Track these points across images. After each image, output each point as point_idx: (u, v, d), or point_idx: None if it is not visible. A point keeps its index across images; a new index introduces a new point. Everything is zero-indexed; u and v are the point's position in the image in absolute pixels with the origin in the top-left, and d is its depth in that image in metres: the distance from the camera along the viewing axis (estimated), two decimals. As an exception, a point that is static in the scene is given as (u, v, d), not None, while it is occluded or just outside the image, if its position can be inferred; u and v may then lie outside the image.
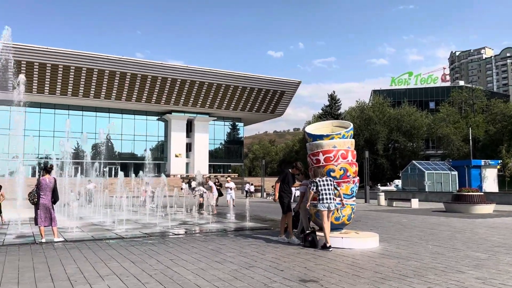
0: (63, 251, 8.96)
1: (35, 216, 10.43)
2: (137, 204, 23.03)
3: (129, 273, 6.83)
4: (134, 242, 10.26)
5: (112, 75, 55.53)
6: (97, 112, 60.82)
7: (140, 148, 65.46)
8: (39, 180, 10.38)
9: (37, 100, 52.71)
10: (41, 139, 54.99)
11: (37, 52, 49.99)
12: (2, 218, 14.04)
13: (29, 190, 11.24)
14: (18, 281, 6.25)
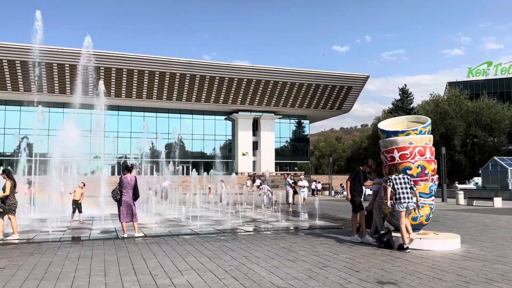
0: (143, 246, 9.47)
1: (118, 212, 11.13)
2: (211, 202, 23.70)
3: (206, 268, 7.05)
4: (209, 238, 10.58)
5: (182, 77, 57.76)
6: (170, 113, 63.62)
7: (209, 147, 67.39)
8: (121, 178, 11.05)
9: (115, 103, 56.31)
10: (119, 140, 58.66)
11: (114, 58, 53.37)
12: (80, 217, 14.95)
13: (111, 188, 12.05)
14: (105, 273, 6.70)
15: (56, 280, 6.24)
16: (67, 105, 49.13)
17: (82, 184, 15.60)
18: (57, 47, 49.43)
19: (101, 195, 17.09)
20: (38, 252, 8.60)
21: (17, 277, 6.40)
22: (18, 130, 54.35)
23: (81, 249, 9.00)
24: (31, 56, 47.95)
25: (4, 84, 51.47)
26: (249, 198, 24.68)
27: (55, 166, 17.84)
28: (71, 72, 52.17)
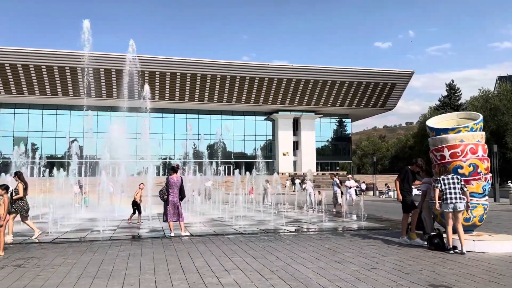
0: (190, 245, 9.64)
1: (164, 212, 11.40)
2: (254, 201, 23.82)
3: (252, 268, 7.07)
4: (253, 238, 10.61)
5: (223, 79, 58.48)
6: (211, 114, 64.59)
7: (250, 148, 67.76)
8: (167, 178, 11.34)
9: (159, 106, 57.88)
10: (163, 141, 60.20)
11: (158, 62, 54.85)
12: (139, 218, 15.36)
13: (158, 188, 12.36)
14: (154, 272, 6.87)
15: (108, 278, 6.46)
16: (114, 108, 51.07)
17: (142, 185, 16.05)
18: (104, 53, 51.44)
19: (148, 195, 17.59)
20: (90, 251, 8.95)
21: (72, 275, 6.68)
22: (69, 133, 57.06)
23: (130, 247, 9.29)
24: (80, 62, 50.24)
25: (55, 90, 54.18)
26: (291, 198, 24.60)
27: (104, 168, 18.57)
28: (117, 77, 54.12)
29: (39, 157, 33.90)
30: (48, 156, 51.99)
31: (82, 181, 23.91)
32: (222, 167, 30.48)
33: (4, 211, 8.70)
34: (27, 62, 51.41)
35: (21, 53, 51.00)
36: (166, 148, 59.26)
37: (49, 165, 43.30)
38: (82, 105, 48.56)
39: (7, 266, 7.34)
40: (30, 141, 55.74)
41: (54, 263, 7.63)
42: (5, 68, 51.22)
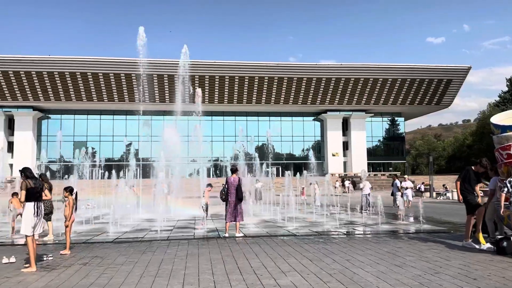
0: (244, 245, 9.70)
1: (225, 212, 11.63)
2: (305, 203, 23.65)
3: (308, 270, 6.98)
4: (307, 240, 10.50)
5: (270, 80, 58.63)
6: (259, 116, 64.97)
7: (298, 149, 67.39)
8: (226, 179, 11.58)
9: (208, 109, 59.04)
10: (213, 143, 61.34)
11: (207, 66, 55.99)
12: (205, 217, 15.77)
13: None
14: (212, 272, 6.96)
15: (168, 277, 6.63)
16: (167, 112, 52.65)
17: (210, 187, 16.52)
18: (156, 59, 53.24)
19: (201, 196, 17.94)
20: (150, 250, 9.25)
21: (134, 274, 6.92)
22: (125, 137, 59.58)
23: (187, 247, 9.50)
24: (134, 69, 52.36)
25: (112, 96, 56.78)
26: (343, 200, 24.16)
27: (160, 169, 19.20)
28: (169, 82, 55.85)
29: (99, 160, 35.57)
30: (106, 159, 54.54)
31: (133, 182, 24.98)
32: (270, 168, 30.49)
33: (69, 212, 9.19)
34: (85, 70, 54.30)
35: (79, 62, 53.95)
36: (216, 150, 60.30)
37: (107, 168, 45.44)
38: (137, 110, 50.59)
39: (73, 264, 7.74)
40: (89, 145, 58.75)
41: (116, 262, 7.95)
42: (65, 76, 54.39)
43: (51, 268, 7.42)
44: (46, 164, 55.16)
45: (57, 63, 53.68)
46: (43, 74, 53.78)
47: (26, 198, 7.52)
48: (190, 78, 51.97)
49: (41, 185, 7.94)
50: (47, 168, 54.26)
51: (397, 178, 20.49)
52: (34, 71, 53.39)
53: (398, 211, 18.01)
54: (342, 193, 39.00)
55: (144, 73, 41.29)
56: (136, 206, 20.60)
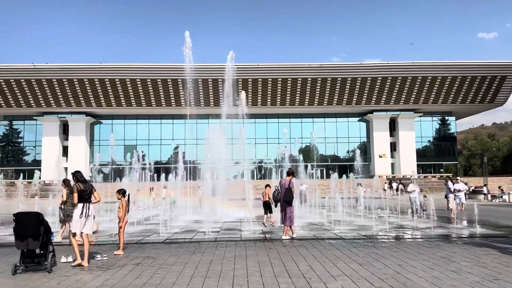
0: (292, 248, 9.65)
1: (281, 214, 11.63)
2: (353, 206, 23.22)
3: (359, 275, 6.83)
4: (355, 244, 10.28)
5: (314, 81, 58.11)
6: (302, 118, 64.54)
7: (343, 150, 66.24)
8: (280, 182, 11.66)
9: (251, 112, 59.41)
10: (257, 146, 61.65)
11: (249, 69, 56.41)
12: (272, 218, 15.77)
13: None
14: (261, 274, 6.98)
15: (218, 278, 6.72)
16: (211, 116, 53.51)
17: (269, 187, 16.74)
18: (201, 64, 54.30)
19: (246, 197, 18.07)
20: (199, 251, 9.41)
21: (185, 274, 7.07)
22: (172, 140, 61.19)
23: (235, 249, 9.58)
24: (181, 75, 53.70)
25: (160, 101, 58.50)
26: (392, 203, 23.46)
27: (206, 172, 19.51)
28: (213, 86, 56.79)
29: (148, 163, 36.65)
30: (154, 162, 56.25)
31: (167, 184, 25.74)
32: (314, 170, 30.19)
33: (122, 213, 9.53)
34: (134, 77, 56.32)
35: (128, 68, 56.05)
36: (259, 152, 60.53)
37: (156, 171, 46.80)
38: (184, 114, 51.83)
39: (127, 264, 8.02)
40: (138, 148, 60.84)
41: (168, 262, 8.15)
42: (115, 82, 56.67)
43: (106, 267, 7.73)
44: (99, 167, 57.70)
45: (108, 70, 56.06)
46: (94, 81, 56.33)
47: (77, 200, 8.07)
48: (234, 82, 52.60)
49: (90, 188, 8.33)
50: (100, 171, 56.75)
51: (450, 180, 19.46)
52: (87, 79, 56.04)
53: (451, 214, 17.24)
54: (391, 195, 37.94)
55: (189, 78, 42.26)
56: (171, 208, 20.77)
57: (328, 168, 62.75)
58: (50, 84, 56.17)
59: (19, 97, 57.10)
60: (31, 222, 7.27)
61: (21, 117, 62.33)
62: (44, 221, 7.47)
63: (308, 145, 63.18)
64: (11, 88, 56.09)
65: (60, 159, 59.55)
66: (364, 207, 20.79)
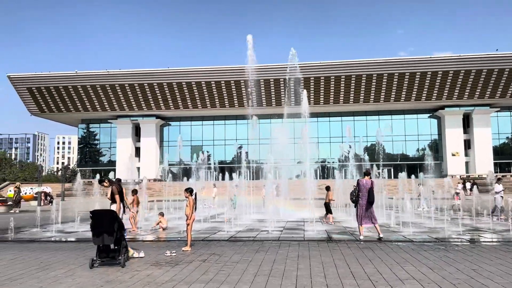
0: (356, 250, 9.43)
1: (356, 214, 11.49)
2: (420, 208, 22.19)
3: (429, 279, 6.51)
4: (425, 247, 9.82)
5: (379, 78, 56.26)
6: (367, 115, 62.76)
7: (412, 149, 63.44)
8: (358, 181, 11.43)
9: (314, 111, 58.82)
10: (319, 145, 60.92)
11: (312, 68, 55.89)
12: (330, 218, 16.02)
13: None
14: (325, 275, 6.89)
15: (281, 277, 6.74)
16: (273, 115, 53.82)
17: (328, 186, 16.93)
18: (262, 65, 54.77)
19: (308, 198, 17.94)
20: (262, 250, 9.51)
21: (249, 272, 7.18)
22: (235, 140, 62.38)
23: (298, 249, 9.56)
24: (243, 76, 54.58)
25: (223, 102, 59.91)
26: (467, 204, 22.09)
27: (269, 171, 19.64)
28: (275, 86, 57.06)
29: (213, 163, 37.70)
30: (219, 162, 57.69)
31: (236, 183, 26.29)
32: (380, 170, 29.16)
33: (190, 211, 9.87)
34: (200, 80, 58.15)
35: (198, 72, 57.98)
36: (322, 152, 59.76)
37: (220, 170, 47.99)
38: (246, 114, 52.63)
39: (194, 261, 8.31)
40: (204, 149, 62.73)
41: (232, 259, 8.33)
42: (182, 86, 58.87)
43: (174, 263, 8.07)
44: (168, 167, 60.32)
45: (175, 74, 58.42)
46: (163, 85, 58.96)
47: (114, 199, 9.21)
48: (296, 80, 52.47)
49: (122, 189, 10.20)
50: (170, 170, 59.35)
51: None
52: (156, 83, 58.82)
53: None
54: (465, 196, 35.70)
55: (252, 79, 42.82)
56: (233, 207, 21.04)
57: (396, 167, 60.42)
58: (123, 88, 59.71)
59: (95, 102, 61.33)
60: (106, 220, 7.78)
61: (97, 121, 66.92)
62: (117, 218, 7.97)
63: (374, 143, 61.29)
64: (87, 93, 60.39)
65: (133, 160, 63.10)
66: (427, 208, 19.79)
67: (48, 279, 6.77)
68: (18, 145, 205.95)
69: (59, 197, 43.63)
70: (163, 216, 14.81)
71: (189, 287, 6.17)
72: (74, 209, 18.58)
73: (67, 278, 6.84)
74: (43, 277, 6.94)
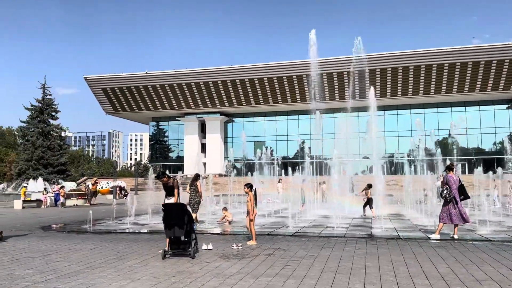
0: (429, 249, 9.00)
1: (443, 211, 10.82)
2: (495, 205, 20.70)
3: (509, 280, 6.06)
4: (506, 247, 9.14)
5: (451, 67, 52.99)
6: (439, 107, 59.53)
7: (489, 142, 59.19)
8: (446, 177, 10.77)
9: (380, 104, 56.76)
10: (386, 139, 58.77)
11: (378, 59, 53.96)
12: (373, 212, 16.00)
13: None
14: (394, 274, 6.65)
15: (349, 274, 6.62)
16: (337, 110, 52.83)
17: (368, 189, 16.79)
18: (326, 58, 53.88)
19: (376, 194, 17.42)
20: (328, 246, 9.40)
21: (315, 268, 7.13)
22: (298, 135, 62.12)
23: (366, 246, 9.32)
24: (306, 70, 54.13)
25: (285, 98, 59.86)
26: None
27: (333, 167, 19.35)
28: (339, 79, 55.94)
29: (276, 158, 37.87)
30: (282, 157, 57.83)
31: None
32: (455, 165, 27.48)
33: (251, 206, 9.86)
34: (261, 76, 58.57)
35: (255, 68, 58.50)
36: (390, 146, 57.63)
37: (283, 166, 48.09)
38: (309, 109, 52.16)
39: (259, 254, 8.41)
40: (267, 144, 63.20)
41: (298, 255, 8.32)
42: (245, 82, 59.67)
43: (241, 256, 8.23)
44: (232, 163, 61.61)
45: (238, 71, 59.37)
46: (227, 82, 60.18)
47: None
48: (361, 73, 51.08)
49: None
50: (233, 166, 60.58)
51: None
52: (220, 80, 60.19)
53: None
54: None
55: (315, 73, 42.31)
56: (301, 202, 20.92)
57: (471, 162, 56.77)
58: (189, 87, 61.83)
59: (164, 100, 64.12)
60: (177, 212, 8.12)
61: (166, 118, 69.94)
62: (187, 211, 8.28)
63: (446, 137, 58.07)
64: (157, 92, 63.28)
65: (199, 155, 65.23)
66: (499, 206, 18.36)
67: (124, 268, 7.21)
68: (94, 142, 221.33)
69: (132, 191, 46.31)
70: (227, 210, 15.16)
71: (256, 280, 6.26)
72: (147, 203, 19.60)
73: (141, 268, 7.25)
74: (120, 266, 7.40)
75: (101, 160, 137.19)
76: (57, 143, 58.69)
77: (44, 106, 57.82)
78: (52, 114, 59.20)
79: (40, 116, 57.21)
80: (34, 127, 56.50)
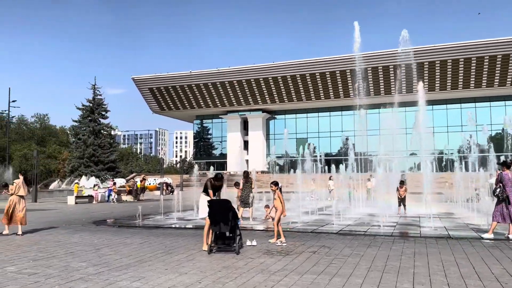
0: (481, 248, 8.61)
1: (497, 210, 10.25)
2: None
3: None
4: None
5: (505, 59, 50.12)
6: (491, 101, 56.62)
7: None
8: (501, 175, 10.21)
9: (428, 98, 54.65)
10: (435, 135, 56.63)
11: (427, 52, 51.99)
12: (405, 210, 15.89)
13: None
14: (445, 274, 6.42)
15: (397, 274, 6.45)
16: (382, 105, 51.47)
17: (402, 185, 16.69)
18: (369, 52, 52.62)
19: (425, 192, 16.84)
20: (374, 245, 9.20)
21: (361, 267, 7.00)
22: (341, 132, 61.15)
23: (414, 245, 9.05)
24: (349, 65, 53.12)
25: (328, 94, 59.06)
26: None
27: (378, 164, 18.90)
28: (384, 73, 54.47)
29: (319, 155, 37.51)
30: (325, 154, 57.19)
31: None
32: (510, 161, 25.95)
33: (281, 204, 9.59)
34: (304, 72, 58.11)
35: (298, 65, 58.09)
36: (439, 142, 55.49)
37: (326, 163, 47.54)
38: (352, 105, 51.22)
39: (304, 252, 8.37)
40: (309, 141, 62.76)
41: (343, 253, 8.21)
42: (287, 79, 59.41)
43: (285, 253, 8.23)
44: (275, 159, 61.65)
45: (279, 68, 59.22)
46: (268, 80, 60.25)
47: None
48: (407, 66, 49.46)
49: None
50: (276, 163, 60.62)
51: None
52: (262, 78, 60.35)
53: None
54: None
55: (359, 67, 41.47)
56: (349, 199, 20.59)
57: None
58: (231, 85, 62.48)
59: (207, 99, 65.21)
60: (222, 208, 8.25)
61: (210, 116, 71.12)
62: (232, 207, 8.39)
63: (500, 132, 55.10)
64: (201, 91, 64.45)
65: (242, 152, 65.82)
66: None
67: (172, 262, 7.42)
68: (142, 140, 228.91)
69: (178, 187, 47.52)
70: (269, 207, 15.21)
71: (301, 277, 6.25)
72: (192, 199, 20.03)
73: (188, 262, 7.43)
74: (168, 260, 7.62)
75: (149, 157, 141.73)
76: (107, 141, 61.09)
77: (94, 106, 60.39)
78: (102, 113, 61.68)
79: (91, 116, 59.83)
80: (86, 126, 59.14)
